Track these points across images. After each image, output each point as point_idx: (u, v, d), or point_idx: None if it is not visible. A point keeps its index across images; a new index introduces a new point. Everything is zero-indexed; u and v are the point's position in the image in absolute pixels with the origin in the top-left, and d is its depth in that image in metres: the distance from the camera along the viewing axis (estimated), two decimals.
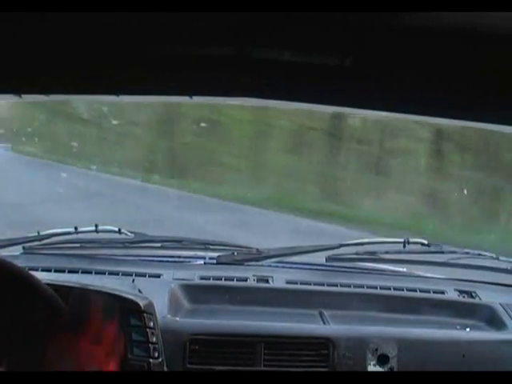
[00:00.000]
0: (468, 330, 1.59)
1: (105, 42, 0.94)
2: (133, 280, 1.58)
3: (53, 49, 0.94)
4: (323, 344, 1.45)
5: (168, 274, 1.66)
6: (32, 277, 1.10)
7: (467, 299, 1.71)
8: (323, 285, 1.70)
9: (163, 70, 0.99)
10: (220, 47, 0.96)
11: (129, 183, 6.11)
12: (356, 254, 1.77)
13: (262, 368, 1.42)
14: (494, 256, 1.79)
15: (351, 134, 6.05)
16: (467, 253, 1.81)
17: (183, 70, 0.99)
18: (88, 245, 1.79)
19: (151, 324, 1.33)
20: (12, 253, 1.71)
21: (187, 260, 1.80)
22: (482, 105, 0.95)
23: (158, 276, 1.65)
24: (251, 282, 1.67)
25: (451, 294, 1.72)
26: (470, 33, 0.85)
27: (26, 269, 1.19)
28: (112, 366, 1.21)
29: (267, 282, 1.68)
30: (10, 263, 1.11)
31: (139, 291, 1.45)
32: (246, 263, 1.76)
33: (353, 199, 5.77)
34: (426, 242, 1.79)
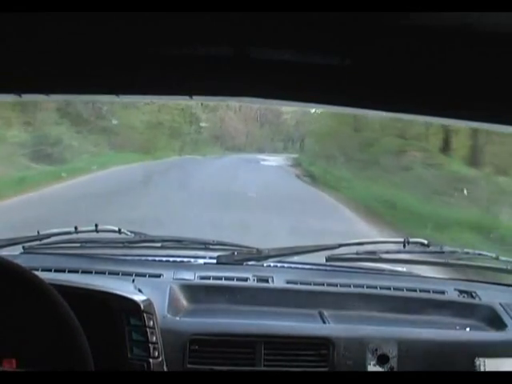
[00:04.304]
0: (468, 329, 1.59)
1: (105, 41, 0.94)
2: (133, 280, 1.58)
3: (53, 49, 0.94)
4: (323, 344, 1.45)
5: (168, 274, 1.66)
6: (35, 277, 1.10)
7: (467, 299, 1.71)
8: (323, 285, 1.69)
9: (163, 69, 0.99)
10: (220, 47, 0.96)
11: None
12: (356, 253, 1.77)
13: (262, 368, 1.42)
14: (494, 256, 1.78)
15: None
16: (467, 253, 1.80)
17: (183, 70, 0.99)
18: (88, 244, 1.79)
19: (151, 324, 1.33)
20: (12, 252, 1.71)
21: (187, 260, 1.80)
22: (483, 105, 0.95)
23: (158, 276, 1.65)
24: (251, 282, 1.67)
25: (451, 294, 1.72)
26: (470, 33, 0.85)
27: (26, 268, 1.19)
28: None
29: (267, 281, 1.68)
30: (13, 263, 1.11)
31: (139, 291, 1.45)
32: (245, 263, 1.76)
33: None
34: (425, 241, 1.79)
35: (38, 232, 1.77)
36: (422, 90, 0.96)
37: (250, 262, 1.77)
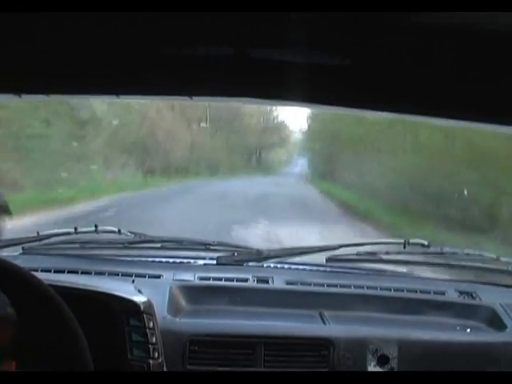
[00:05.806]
0: (468, 330, 1.59)
1: (105, 42, 0.94)
2: (133, 281, 1.58)
3: (53, 49, 0.94)
4: (323, 345, 1.45)
5: (168, 275, 1.66)
6: (34, 278, 1.10)
7: (467, 300, 1.71)
8: (323, 285, 1.69)
9: (163, 69, 0.99)
10: (220, 47, 0.96)
11: None
12: (356, 254, 1.77)
13: (262, 369, 1.42)
14: (495, 257, 1.78)
15: None
16: (468, 254, 1.80)
17: (183, 70, 0.99)
18: (88, 245, 1.79)
19: (151, 325, 1.33)
20: (11, 253, 1.71)
21: (187, 261, 1.80)
22: (483, 105, 0.95)
23: (158, 277, 1.65)
24: (251, 283, 1.67)
25: (451, 295, 1.72)
26: (470, 33, 0.85)
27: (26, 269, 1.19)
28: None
29: (267, 282, 1.68)
30: (13, 264, 1.11)
31: (139, 292, 1.45)
32: (245, 264, 1.76)
33: None
34: (426, 242, 1.79)
35: (38, 233, 1.77)
36: (422, 90, 0.96)
37: (249, 263, 1.76)
